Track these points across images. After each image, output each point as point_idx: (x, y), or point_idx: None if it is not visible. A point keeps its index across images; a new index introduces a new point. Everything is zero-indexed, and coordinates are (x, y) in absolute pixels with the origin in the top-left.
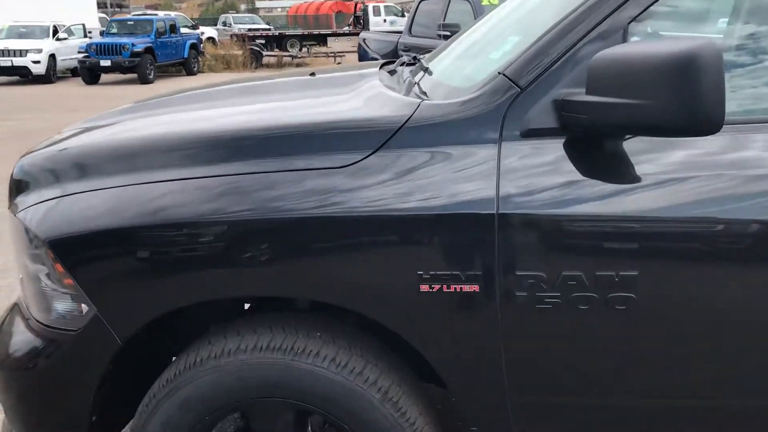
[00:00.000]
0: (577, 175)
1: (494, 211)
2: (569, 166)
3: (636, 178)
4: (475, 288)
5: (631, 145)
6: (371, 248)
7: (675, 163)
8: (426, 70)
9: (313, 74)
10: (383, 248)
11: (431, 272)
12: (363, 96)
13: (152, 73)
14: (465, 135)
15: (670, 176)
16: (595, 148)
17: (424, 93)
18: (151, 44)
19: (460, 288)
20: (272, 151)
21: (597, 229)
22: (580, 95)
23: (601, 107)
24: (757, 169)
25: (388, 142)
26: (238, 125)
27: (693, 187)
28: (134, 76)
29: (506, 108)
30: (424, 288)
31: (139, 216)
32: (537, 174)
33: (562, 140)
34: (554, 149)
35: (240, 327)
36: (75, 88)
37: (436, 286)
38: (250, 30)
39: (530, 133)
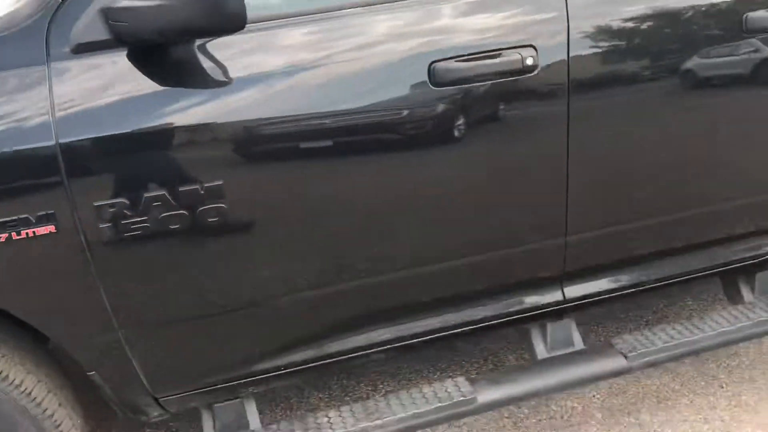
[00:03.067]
0: (144, 88)
1: (53, 142)
2: (135, 79)
3: (214, 83)
4: (51, 228)
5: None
6: None
7: (252, 65)
8: None
9: None
10: None
11: None
12: None
13: None
14: (6, 57)
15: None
16: (164, 56)
17: None
18: None
19: (33, 232)
20: None
21: (172, 142)
22: (124, 0)
23: (139, 13)
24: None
25: None
26: None
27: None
28: None
29: (48, 21)
30: None
31: None
32: (97, 92)
33: (124, 52)
34: (114, 63)
35: None
36: None
37: (3, 236)
38: None
39: (83, 48)
